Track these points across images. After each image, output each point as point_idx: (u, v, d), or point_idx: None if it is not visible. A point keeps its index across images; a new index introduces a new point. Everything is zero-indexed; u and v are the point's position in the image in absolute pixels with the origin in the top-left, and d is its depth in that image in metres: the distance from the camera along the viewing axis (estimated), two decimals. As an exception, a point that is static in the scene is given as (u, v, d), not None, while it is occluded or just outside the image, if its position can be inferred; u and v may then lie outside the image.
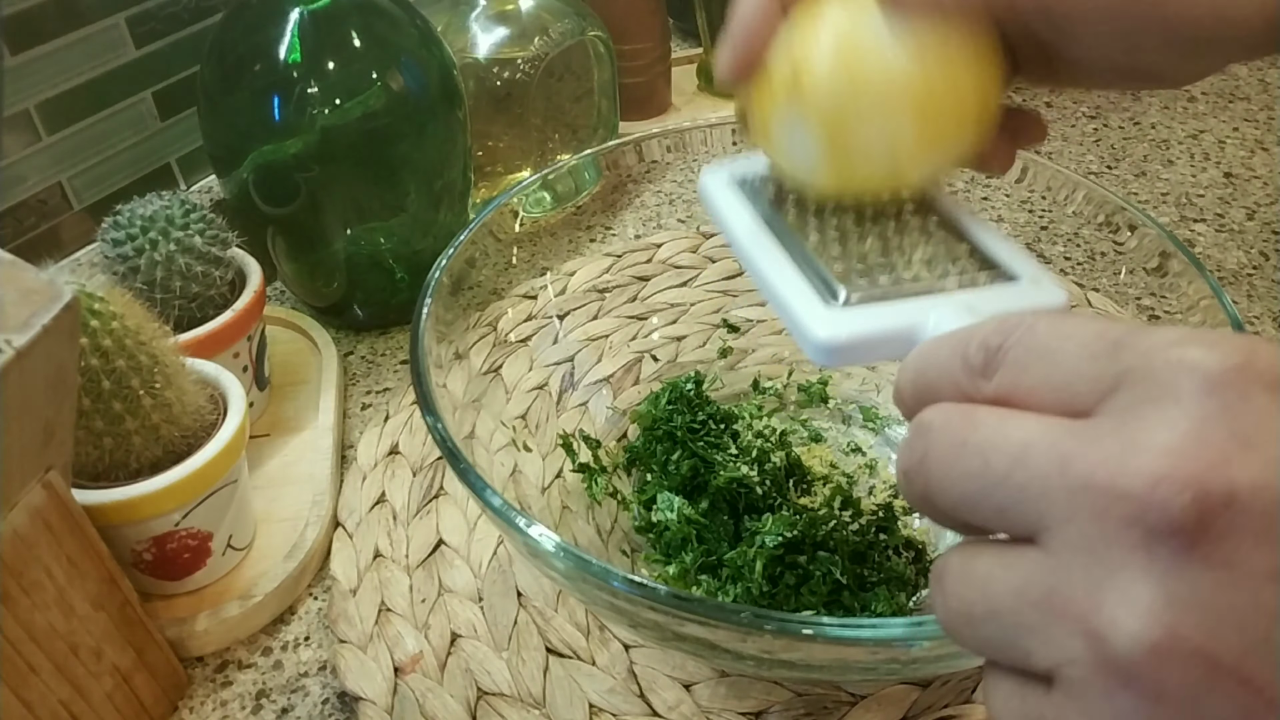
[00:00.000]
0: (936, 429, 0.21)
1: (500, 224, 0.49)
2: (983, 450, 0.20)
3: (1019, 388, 0.20)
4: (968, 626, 0.20)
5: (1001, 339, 0.21)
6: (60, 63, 0.57)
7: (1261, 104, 0.87)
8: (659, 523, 0.47)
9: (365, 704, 0.41)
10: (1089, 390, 0.19)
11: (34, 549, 0.34)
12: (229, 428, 0.43)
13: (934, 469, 0.21)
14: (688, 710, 0.41)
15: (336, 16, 0.53)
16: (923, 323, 0.28)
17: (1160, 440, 0.17)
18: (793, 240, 0.33)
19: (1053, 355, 0.20)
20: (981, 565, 0.20)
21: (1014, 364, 0.21)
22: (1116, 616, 0.17)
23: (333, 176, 0.55)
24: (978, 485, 0.20)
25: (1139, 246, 0.46)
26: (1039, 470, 0.19)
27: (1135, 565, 0.17)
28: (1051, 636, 0.18)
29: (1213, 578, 0.17)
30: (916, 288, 0.30)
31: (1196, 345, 0.18)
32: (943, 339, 0.23)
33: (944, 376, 0.22)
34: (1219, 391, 0.18)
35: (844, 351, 0.29)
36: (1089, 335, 0.20)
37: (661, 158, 0.55)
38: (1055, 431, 0.19)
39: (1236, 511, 0.17)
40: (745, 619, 0.30)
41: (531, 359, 0.52)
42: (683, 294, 0.59)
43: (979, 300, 0.29)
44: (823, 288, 0.30)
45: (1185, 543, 0.17)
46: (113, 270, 0.48)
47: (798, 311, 0.30)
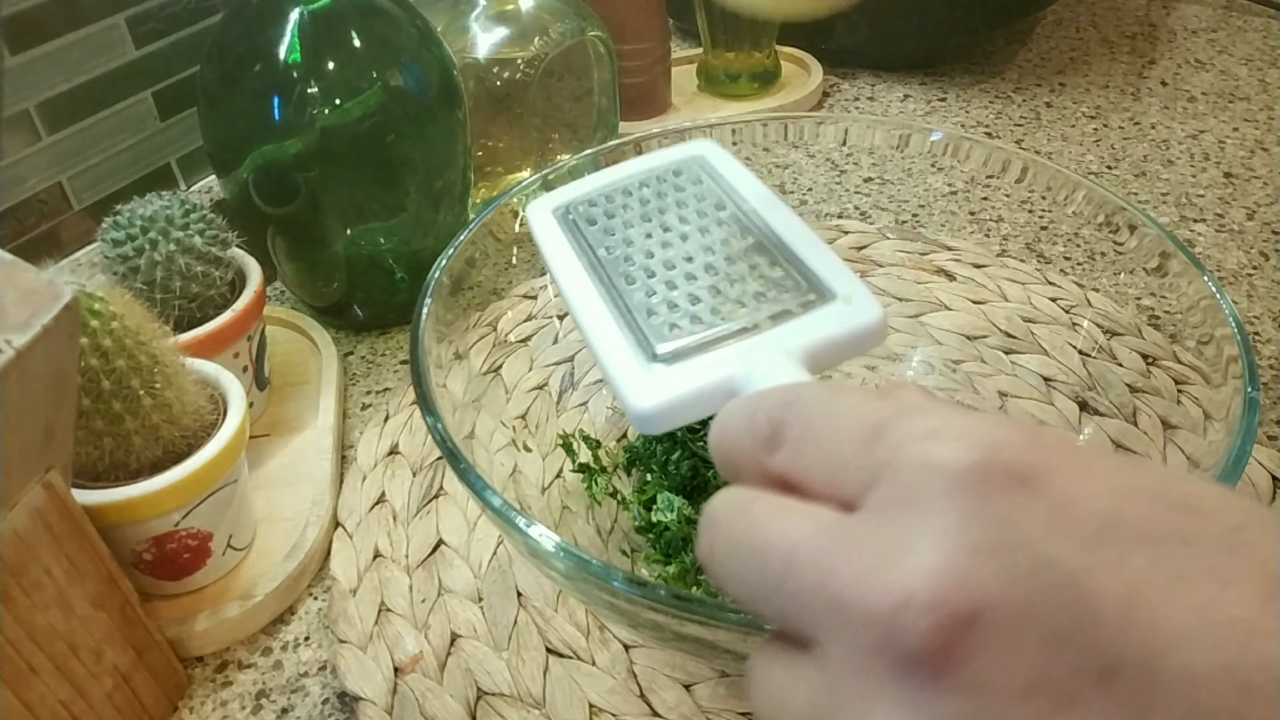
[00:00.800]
0: (720, 522, 0.21)
1: (500, 224, 0.49)
2: (759, 554, 0.20)
3: (797, 466, 0.21)
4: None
5: (782, 412, 0.21)
6: (60, 63, 0.57)
7: (1261, 104, 0.87)
8: (659, 523, 0.47)
9: (365, 704, 0.41)
10: (853, 480, 0.19)
11: (34, 549, 0.34)
12: (229, 428, 0.43)
13: (720, 565, 0.21)
14: (688, 710, 0.41)
15: (336, 16, 0.53)
16: (733, 375, 0.28)
17: (904, 558, 0.17)
18: (614, 278, 0.33)
19: (823, 438, 0.20)
20: (775, 674, 0.20)
21: (791, 441, 0.21)
22: None
23: (333, 176, 0.55)
24: (757, 590, 0.20)
25: (1139, 246, 0.46)
26: (806, 581, 0.19)
27: (891, 696, 0.17)
28: None
29: (963, 703, 0.16)
30: (731, 329, 0.30)
31: (941, 441, 0.18)
32: (737, 406, 0.23)
33: (738, 447, 0.23)
34: (961, 495, 0.17)
35: (663, 418, 0.29)
36: (856, 419, 0.20)
37: (661, 158, 0.54)
38: (821, 536, 0.19)
39: (981, 628, 0.16)
40: (745, 619, 0.30)
41: (531, 359, 0.52)
42: (683, 294, 0.59)
43: (791, 335, 0.29)
44: (641, 343, 0.30)
45: (933, 669, 0.16)
46: (113, 270, 0.48)
47: (618, 380, 0.30)
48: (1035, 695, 0.16)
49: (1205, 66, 0.93)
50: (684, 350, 0.30)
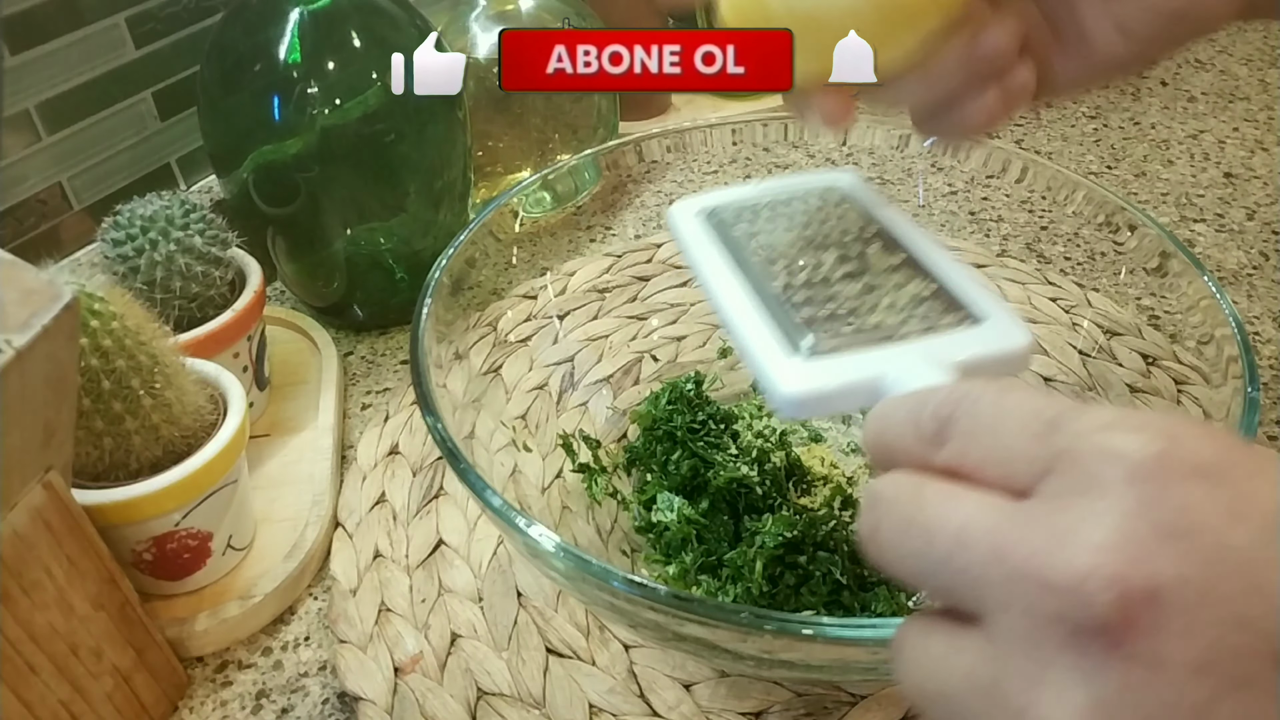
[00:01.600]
0: (886, 502, 0.22)
1: (500, 224, 0.49)
2: (927, 532, 0.20)
3: (966, 460, 0.21)
4: (925, 701, 0.21)
5: (951, 409, 0.22)
6: (60, 63, 0.57)
7: (1261, 104, 0.87)
8: (659, 523, 0.47)
9: (365, 704, 0.41)
10: (1026, 470, 0.20)
11: (34, 549, 0.34)
12: (229, 428, 0.43)
13: (884, 544, 0.22)
14: (688, 710, 0.41)
15: (336, 16, 0.53)
16: (884, 375, 0.28)
17: (1086, 535, 0.18)
18: (761, 278, 0.33)
19: (995, 432, 0.21)
20: (934, 645, 0.21)
21: (961, 436, 0.21)
22: (1050, 714, 0.17)
23: (333, 176, 0.55)
24: (923, 565, 0.21)
25: (1139, 246, 0.46)
26: (977, 556, 0.19)
27: (1065, 664, 0.17)
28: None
29: (1140, 676, 0.17)
30: (879, 335, 0.30)
31: (1122, 432, 0.19)
32: (898, 403, 0.24)
33: (899, 441, 0.23)
34: (1142, 483, 0.18)
35: (807, 405, 0.29)
36: (1027, 414, 0.21)
37: (661, 158, 0.55)
38: (993, 515, 0.20)
39: (1160, 607, 0.17)
40: (745, 619, 0.30)
41: (531, 359, 0.52)
42: (683, 294, 0.59)
43: (942, 348, 0.29)
44: (788, 335, 0.30)
45: (1111, 641, 0.17)
46: (113, 270, 0.48)
47: (763, 363, 0.30)
48: (1210, 673, 0.17)
49: (1205, 66, 0.93)
50: (833, 347, 0.30)
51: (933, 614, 0.21)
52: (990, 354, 0.30)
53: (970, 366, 0.29)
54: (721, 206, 0.37)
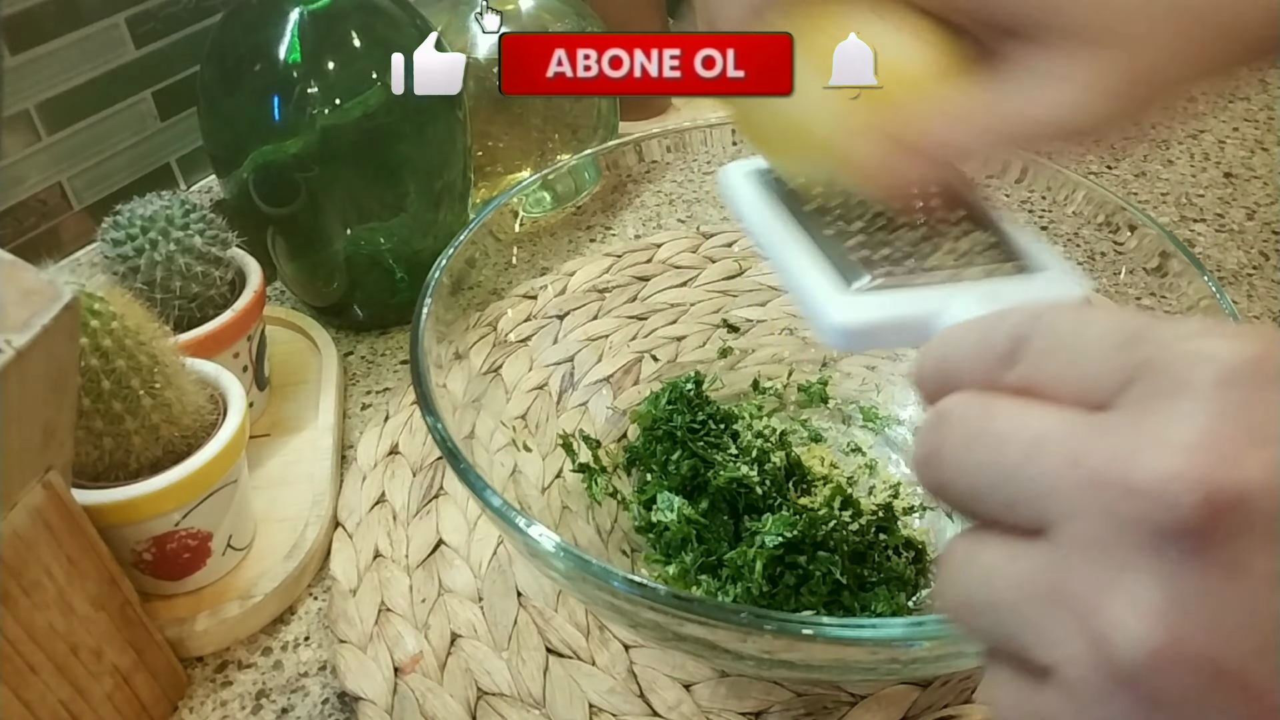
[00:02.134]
0: (954, 419, 0.21)
1: (500, 224, 0.49)
2: (997, 441, 0.19)
3: (1040, 377, 0.20)
4: (968, 614, 0.20)
5: (1027, 329, 0.21)
6: (60, 63, 0.57)
7: (1261, 104, 0.87)
8: (659, 523, 0.47)
9: (365, 704, 0.41)
10: (1107, 381, 0.19)
11: (34, 549, 0.34)
12: (229, 428, 0.43)
13: (949, 458, 0.20)
14: (688, 710, 0.41)
15: (336, 16, 0.53)
16: (942, 310, 0.28)
17: (1172, 436, 0.17)
18: (813, 228, 0.32)
19: (1074, 345, 0.20)
20: (987, 555, 0.20)
21: (1037, 353, 0.20)
22: (1120, 618, 0.17)
23: (333, 176, 0.55)
24: (990, 476, 0.19)
25: (1139, 246, 0.46)
26: (1051, 464, 0.18)
27: (1142, 565, 0.17)
28: (1052, 633, 0.18)
29: (1219, 582, 0.16)
30: (938, 276, 0.29)
31: (1213, 337, 0.18)
32: (968, 325, 0.22)
33: (968, 362, 0.22)
34: (1234, 385, 0.17)
35: (859, 335, 0.28)
36: (1110, 326, 0.19)
37: (661, 158, 0.55)
38: (1070, 425, 0.19)
39: (1246, 513, 0.16)
40: (745, 619, 0.30)
41: (531, 359, 0.52)
42: (683, 294, 0.59)
43: (1001, 290, 0.29)
44: (841, 273, 0.30)
45: (1194, 544, 0.16)
46: (113, 270, 0.48)
47: (813, 294, 0.29)
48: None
49: (1205, 66, 0.93)
50: (888, 284, 0.29)
51: (986, 528, 0.20)
52: (1050, 300, 0.29)
53: None
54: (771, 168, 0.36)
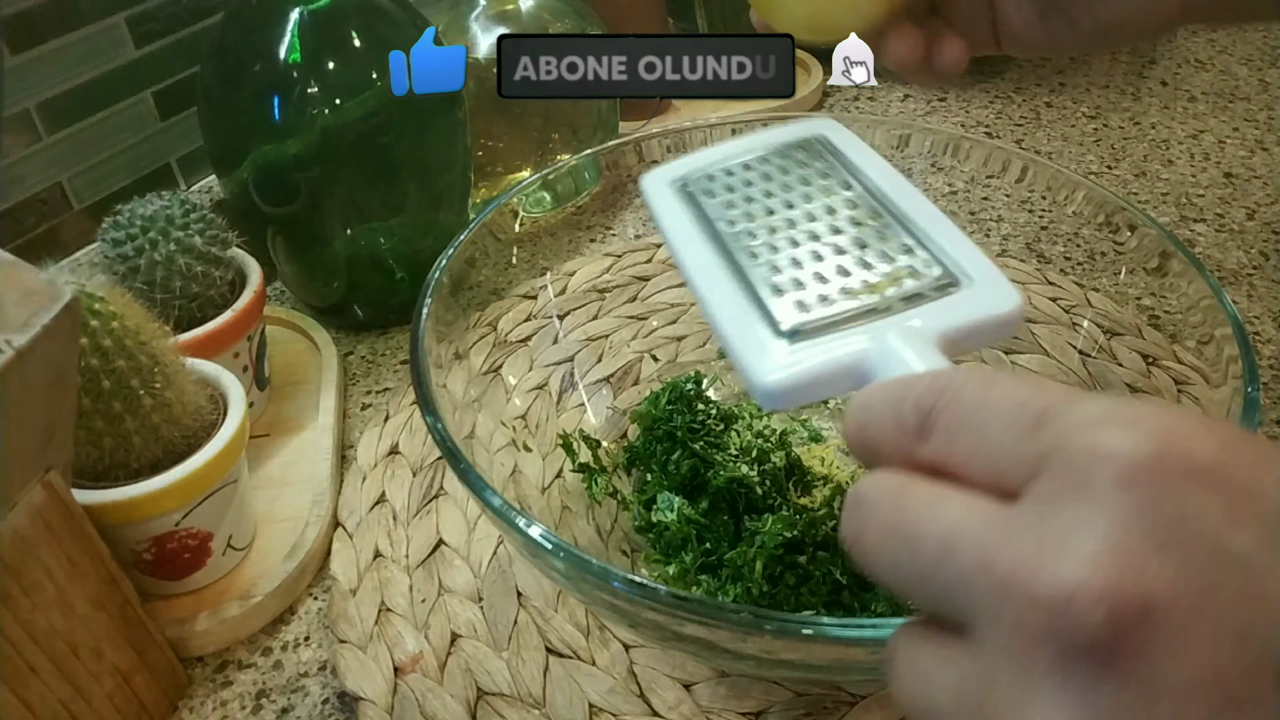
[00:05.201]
0: (867, 507, 0.21)
1: (500, 224, 0.49)
2: (911, 538, 0.20)
3: (952, 456, 0.20)
4: (914, 712, 0.20)
5: (933, 401, 0.21)
6: (60, 63, 0.57)
7: (1261, 104, 0.87)
8: (659, 523, 0.47)
9: (365, 704, 0.41)
10: (1014, 468, 0.19)
11: (34, 549, 0.34)
12: (229, 428, 0.43)
13: (869, 551, 0.21)
14: (688, 710, 0.41)
15: (336, 16, 0.53)
16: (866, 354, 0.27)
17: (1075, 545, 0.17)
18: (737, 248, 0.32)
19: (979, 427, 0.20)
20: (924, 658, 0.20)
21: (944, 431, 0.20)
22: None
23: (333, 176, 0.55)
24: (908, 574, 0.20)
25: (1139, 246, 0.46)
26: (964, 566, 0.18)
27: (1053, 683, 0.17)
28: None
29: (1130, 696, 0.16)
30: (860, 307, 0.29)
31: (1113, 429, 0.18)
32: (878, 393, 0.23)
33: (882, 435, 0.22)
34: (1134, 487, 0.17)
35: (790, 395, 0.28)
36: (1013, 407, 0.19)
37: (661, 158, 0.54)
38: (980, 521, 0.19)
39: (1154, 622, 0.16)
40: (745, 619, 0.30)
41: (531, 359, 0.52)
42: (683, 294, 0.59)
43: (929, 318, 0.28)
44: (765, 314, 0.29)
45: (1101, 659, 0.16)
46: (113, 270, 0.48)
47: (743, 353, 0.29)
48: (1209, 691, 0.16)
49: (1205, 66, 0.93)
50: (813, 327, 0.28)
51: (923, 623, 0.21)
52: (978, 320, 0.28)
53: (957, 336, 0.28)
54: (694, 171, 0.36)
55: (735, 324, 0.29)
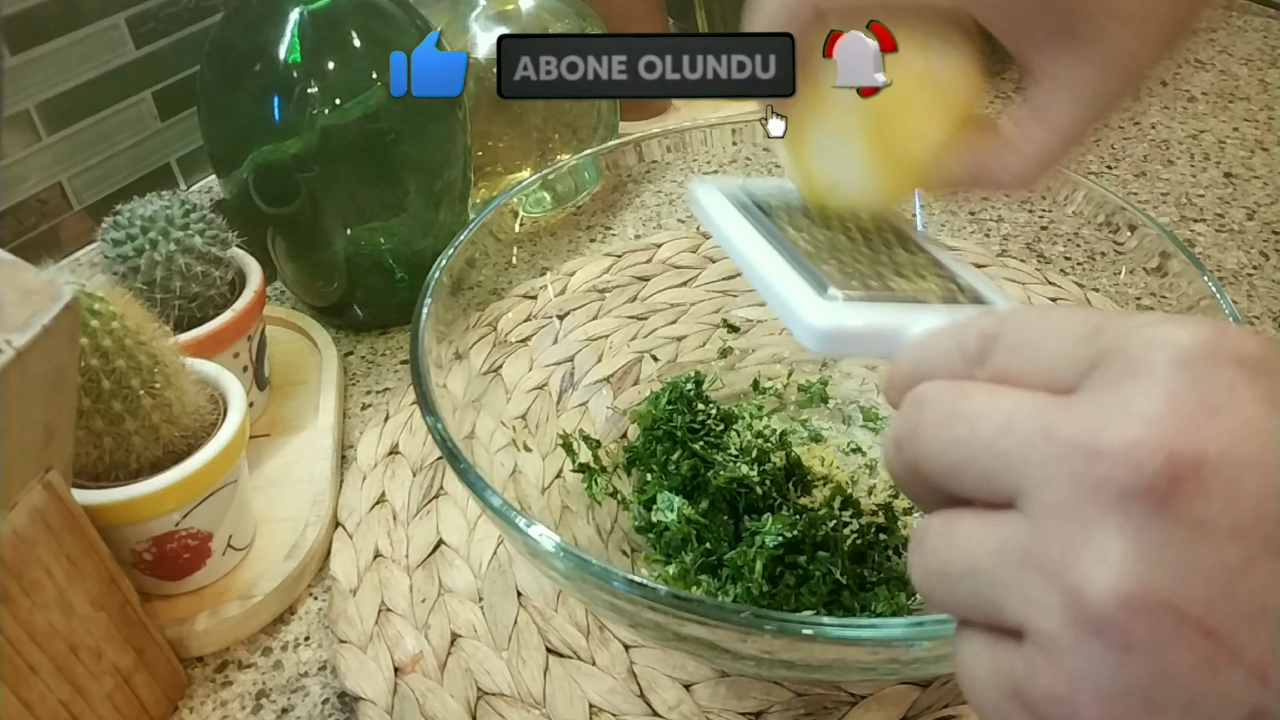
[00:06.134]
0: (930, 400, 0.22)
1: (500, 224, 0.49)
2: (972, 418, 0.21)
3: (1010, 371, 0.21)
4: (944, 584, 0.21)
5: (997, 328, 0.22)
6: (60, 63, 0.57)
7: (1261, 104, 0.87)
8: (659, 523, 0.47)
9: (365, 704, 0.41)
10: (1071, 369, 0.20)
11: (34, 549, 0.34)
12: (229, 428, 0.43)
13: (924, 435, 0.22)
14: (688, 710, 0.41)
15: (336, 16, 0.53)
16: (910, 325, 0.29)
17: (1135, 409, 0.18)
18: (785, 245, 0.34)
19: (1040, 340, 0.21)
20: (962, 528, 0.21)
21: (1005, 350, 0.22)
22: (1090, 571, 0.18)
23: (333, 176, 0.55)
24: (964, 451, 0.21)
25: (1139, 246, 0.46)
26: (1023, 437, 0.20)
27: (1110, 523, 0.18)
28: (1027, 592, 0.19)
29: (1182, 535, 0.17)
30: (904, 295, 0.31)
31: (1168, 324, 0.19)
32: (941, 330, 0.24)
33: (942, 362, 0.23)
34: (1189, 365, 0.19)
35: (836, 339, 0.29)
36: (1073, 321, 0.21)
37: (661, 158, 0.55)
38: (1040, 404, 0.20)
39: (1205, 474, 0.18)
40: (745, 619, 0.30)
41: (531, 359, 0.52)
42: (683, 294, 0.59)
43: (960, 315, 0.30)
44: (816, 283, 0.31)
45: (1157, 502, 0.18)
46: (113, 270, 0.48)
47: (792, 299, 0.30)
48: (1247, 538, 0.18)
49: (1205, 66, 0.93)
50: (861, 296, 0.30)
51: (959, 506, 0.21)
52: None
53: None
54: (743, 189, 0.38)
55: (786, 283, 0.31)
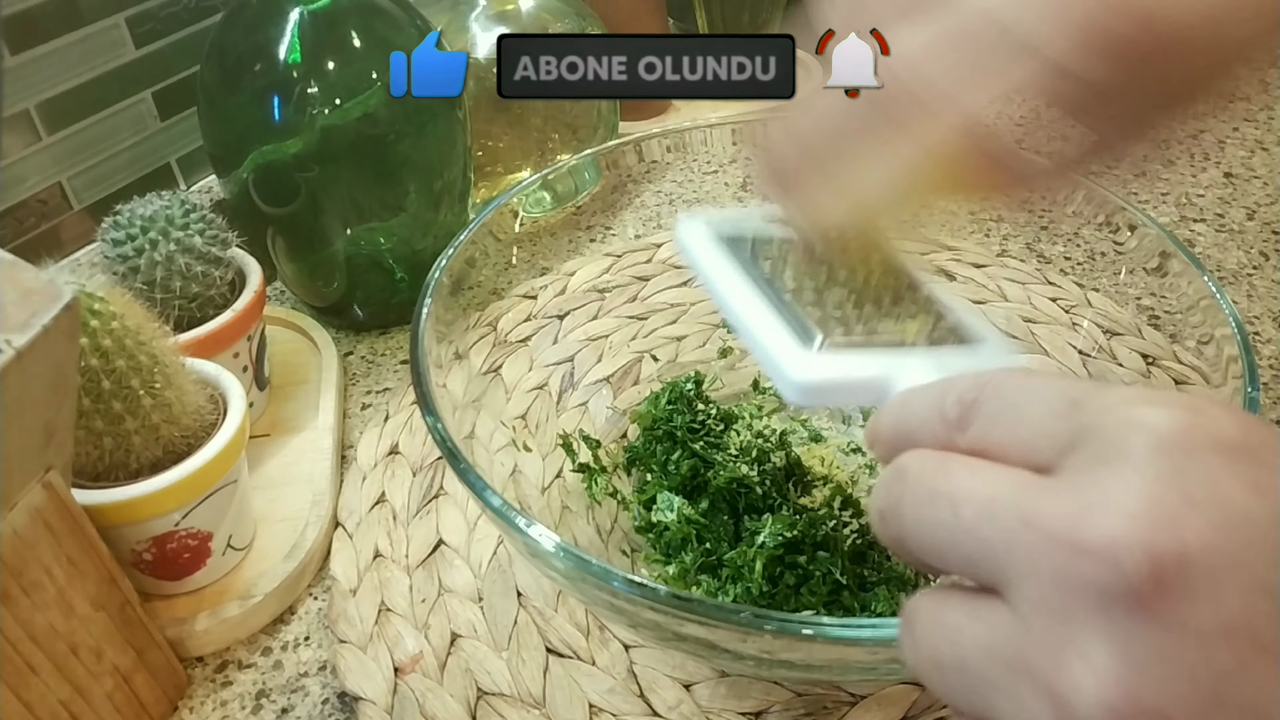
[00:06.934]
0: (912, 475, 0.22)
1: (500, 224, 0.49)
2: (953, 500, 0.21)
3: (990, 441, 0.21)
4: (936, 674, 0.21)
5: (975, 394, 0.22)
6: (60, 63, 0.57)
7: (1261, 104, 0.87)
8: (659, 523, 0.47)
9: (365, 704, 0.41)
10: (1049, 446, 0.20)
11: (34, 549, 0.34)
12: (229, 428, 0.43)
13: (907, 514, 0.22)
14: (688, 710, 0.41)
15: (336, 16, 0.53)
16: (894, 375, 0.29)
17: (1114, 502, 0.18)
18: (769, 288, 0.34)
19: (1018, 412, 0.21)
20: (951, 616, 0.21)
21: (985, 418, 0.22)
22: (1078, 680, 0.18)
23: (333, 176, 0.55)
24: (947, 534, 0.21)
25: (1139, 246, 0.46)
26: (1004, 524, 0.19)
27: (1094, 628, 0.18)
28: (1017, 696, 0.19)
29: (1168, 639, 0.17)
30: (888, 340, 0.31)
31: (1148, 405, 0.19)
32: (921, 390, 0.24)
33: (923, 426, 0.23)
34: (1168, 453, 0.18)
35: (817, 392, 0.30)
36: (1052, 394, 0.21)
37: (661, 158, 0.55)
38: (1020, 486, 0.20)
39: (1190, 573, 0.17)
40: (745, 619, 0.30)
41: (531, 359, 0.52)
42: (683, 294, 0.59)
43: (946, 358, 0.30)
44: (798, 332, 0.31)
45: (1140, 604, 0.17)
46: (113, 270, 0.48)
47: (774, 351, 0.30)
48: (1236, 638, 0.17)
49: (1205, 66, 0.93)
50: (843, 344, 0.30)
51: (949, 588, 0.21)
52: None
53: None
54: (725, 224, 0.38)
55: (767, 332, 0.31)
